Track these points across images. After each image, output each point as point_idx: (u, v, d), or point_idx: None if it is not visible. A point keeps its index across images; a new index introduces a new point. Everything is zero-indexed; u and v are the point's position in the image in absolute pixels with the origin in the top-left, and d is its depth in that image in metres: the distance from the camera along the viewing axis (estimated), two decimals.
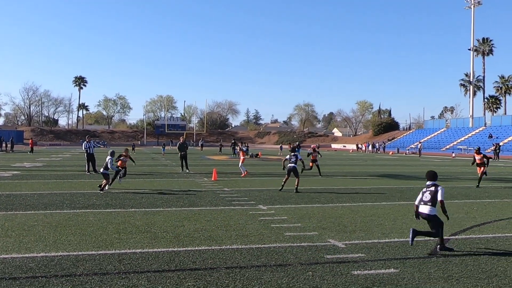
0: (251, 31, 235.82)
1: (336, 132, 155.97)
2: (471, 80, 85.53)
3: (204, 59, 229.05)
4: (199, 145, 75.97)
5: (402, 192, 15.61)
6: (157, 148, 73.48)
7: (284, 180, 15.56)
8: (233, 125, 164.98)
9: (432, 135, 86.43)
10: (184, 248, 7.36)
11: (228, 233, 8.56)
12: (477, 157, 18.54)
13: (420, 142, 65.23)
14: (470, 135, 76.97)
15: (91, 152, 22.55)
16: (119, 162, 16.48)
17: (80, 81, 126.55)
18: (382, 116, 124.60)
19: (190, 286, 5.52)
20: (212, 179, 19.42)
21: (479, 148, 19.52)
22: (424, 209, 7.40)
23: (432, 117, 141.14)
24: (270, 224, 9.55)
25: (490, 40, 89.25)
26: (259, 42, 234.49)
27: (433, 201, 7.33)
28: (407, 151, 66.54)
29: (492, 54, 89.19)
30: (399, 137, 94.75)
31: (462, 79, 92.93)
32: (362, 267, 6.41)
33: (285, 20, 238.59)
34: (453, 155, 55.35)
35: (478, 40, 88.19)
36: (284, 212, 11.05)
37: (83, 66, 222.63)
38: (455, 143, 74.50)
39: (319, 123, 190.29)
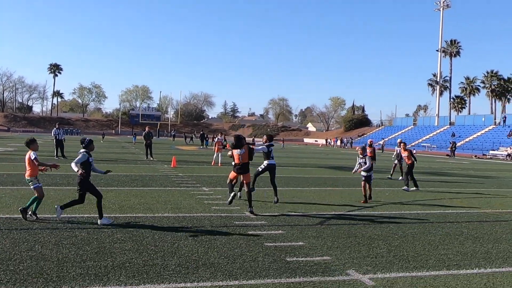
0: (230, 27, 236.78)
1: (310, 127, 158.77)
2: (438, 80, 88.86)
3: (183, 51, 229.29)
4: (171, 135, 77.40)
5: (334, 181, 17.66)
6: (129, 138, 74.57)
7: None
8: (209, 117, 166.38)
9: (400, 132, 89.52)
10: (123, 215, 9.18)
11: (165, 206, 10.39)
12: (368, 150, 19.54)
13: (383, 139, 67.89)
14: (435, 133, 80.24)
15: (60, 138, 24.05)
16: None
17: (55, 69, 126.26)
18: (355, 112, 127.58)
19: (119, 237, 7.33)
20: (171, 166, 21.18)
21: (371, 142, 20.98)
22: None
23: (407, 115, 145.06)
24: (204, 201, 11.41)
25: (458, 42, 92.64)
26: (237, 38, 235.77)
27: None
28: None
29: (459, 55, 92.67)
30: (369, 133, 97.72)
31: (430, 79, 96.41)
32: (258, 229, 8.32)
33: (263, 20, 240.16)
34: (414, 151, 58.05)
35: (446, 42, 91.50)
36: (222, 193, 12.91)
37: (59, 54, 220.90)
38: (420, 140, 77.67)
39: (295, 118, 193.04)
